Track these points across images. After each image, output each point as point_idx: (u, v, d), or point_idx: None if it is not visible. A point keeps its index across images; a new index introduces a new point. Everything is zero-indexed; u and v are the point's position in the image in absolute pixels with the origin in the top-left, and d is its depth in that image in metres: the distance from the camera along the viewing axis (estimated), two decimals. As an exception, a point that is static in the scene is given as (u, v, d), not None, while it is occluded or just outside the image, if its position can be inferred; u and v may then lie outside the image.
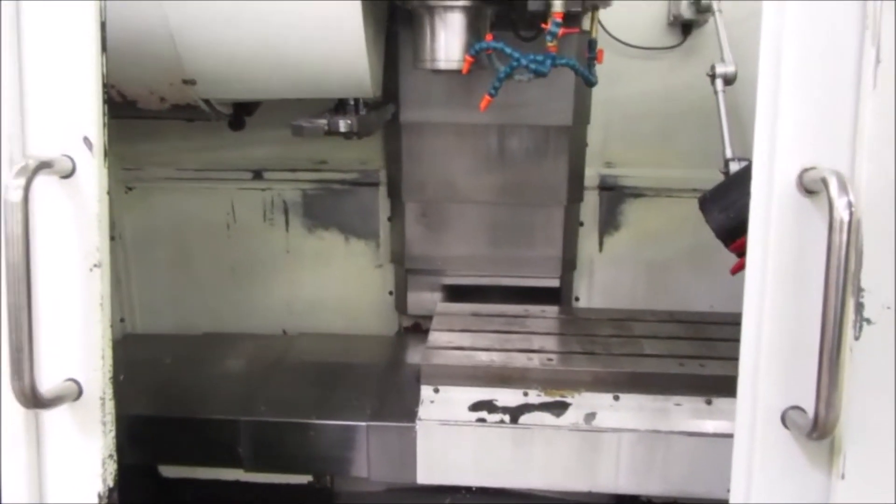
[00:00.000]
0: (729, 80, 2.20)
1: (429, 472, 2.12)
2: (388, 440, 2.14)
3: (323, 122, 2.02)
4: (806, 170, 1.23)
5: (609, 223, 2.86)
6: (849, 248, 1.14)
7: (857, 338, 1.22)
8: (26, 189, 1.22)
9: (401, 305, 2.90)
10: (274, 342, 2.80)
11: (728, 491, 1.90)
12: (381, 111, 2.38)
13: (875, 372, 1.22)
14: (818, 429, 1.19)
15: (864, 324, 1.22)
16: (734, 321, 2.59)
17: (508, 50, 1.96)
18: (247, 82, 2.02)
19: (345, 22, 1.82)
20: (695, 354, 2.24)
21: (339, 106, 2.18)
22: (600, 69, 2.40)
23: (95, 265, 1.35)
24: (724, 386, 2.09)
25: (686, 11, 2.51)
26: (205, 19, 1.85)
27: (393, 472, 2.17)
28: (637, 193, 2.83)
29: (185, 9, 1.84)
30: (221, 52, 1.91)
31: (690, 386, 2.12)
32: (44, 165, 1.26)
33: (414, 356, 2.63)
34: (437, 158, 2.65)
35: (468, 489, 2.26)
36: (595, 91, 2.49)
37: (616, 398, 2.12)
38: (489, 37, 2.00)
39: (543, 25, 1.92)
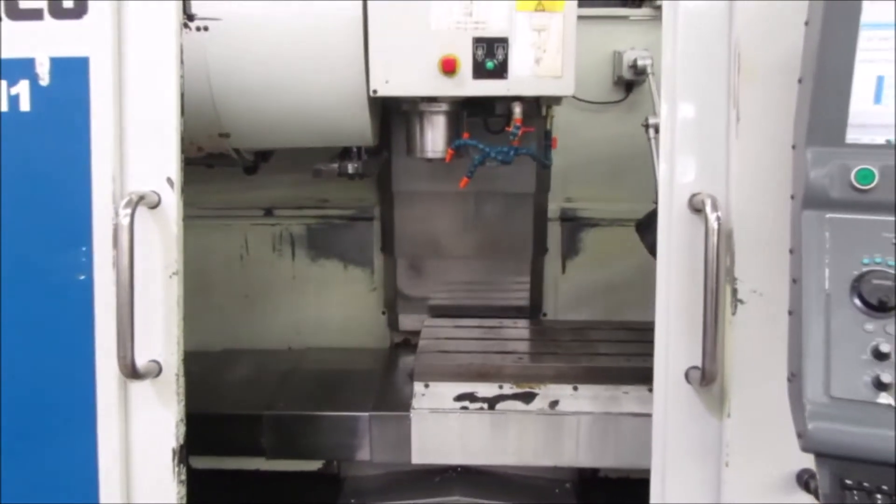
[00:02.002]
0: (659, 130, 2.70)
1: (422, 454, 2.54)
2: (386, 428, 2.56)
3: (335, 166, 2.52)
4: (694, 194, 1.72)
5: (570, 249, 3.33)
6: (720, 248, 1.63)
7: (734, 313, 1.69)
8: (132, 216, 1.67)
9: (393, 324, 3.34)
10: (284, 355, 3.22)
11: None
12: (378, 157, 2.87)
13: (748, 337, 1.70)
14: (706, 377, 1.66)
15: (739, 303, 1.69)
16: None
17: (481, 146, 2.47)
18: (272, 135, 2.50)
19: (354, 94, 2.33)
20: (640, 353, 2.68)
21: (344, 152, 2.66)
22: (560, 121, 2.92)
23: (174, 273, 1.79)
24: None
25: (627, 73, 3.04)
26: (241, 87, 2.34)
27: (391, 456, 2.58)
28: (593, 223, 3.30)
29: (225, 79, 2.33)
30: (253, 112, 2.39)
31: (636, 377, 2.55)
32: (141, 198, 1.72)
33: (405, 364, 3.07)
34: (424, 221, 3.13)
35: (455, 469, 2.68)
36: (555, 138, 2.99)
37: (575, 388, 2.55)
38: (466, 134, 2.51)
39: (507, 128, 2.43)
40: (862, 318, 1.26)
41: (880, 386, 1.21)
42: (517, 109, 2.35)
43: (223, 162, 2.74)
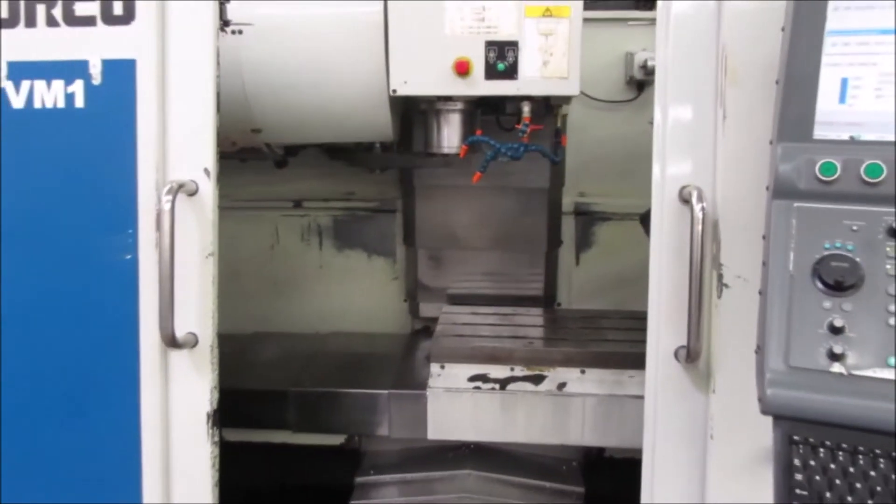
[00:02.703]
0: (665, 127, 2.84)
1: (437, 431, 2.70)
2: (405, 405, 2.74)
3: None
4: (684, 186, 1.87)
5: (584, 242, 3.47)
6: (703, 236, 1.77)
7: (719, 297, 1.83)
8: (173, 202, 1.86)
9: (413, 311, 3.51)
10: (310, 339, 3.40)
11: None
12: (408, 153, 3.05)
13: (732, 319, 1.83)
14: (690, 354, 1.80)
15: (724, 287, 1.83)
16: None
17: (493, 142, 2.63)
18: (300, 130, 2.69)
19: (376, 93, 2.51)
20: (646, 340, 2.82)
21: (368, 147, 2.85)
22: (574, 119, 3.07)
23: (210, 254, 1.98)
24: None
25: (638, 73, 3.17)
26: (272, 86, 2.53)
27: (409, 431, 2.75)
28: (606, 217, 3.44)
29: (257, 78, 2.52)
30: (282, 108, 2.58)
31: (641, 363, 2.63)
32: (181, 186, 1.91)
33: (424, 348, 3.22)
34: (444, 214, 3.28)
35: (468, 446, 2.85)
36: (570, 135, 3.12)
37: (582, 372, 2.69)
38: (479, 131, 2.67)
39: (516, 126, 2.59)
40: (821, 296, 1.40)
41: (833, 357, 1.35)
42: (526, 108, 2.50)
43: (255, 156, 2.94)
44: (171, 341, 1.89)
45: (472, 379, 2.71)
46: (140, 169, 1.95)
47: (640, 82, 3.26)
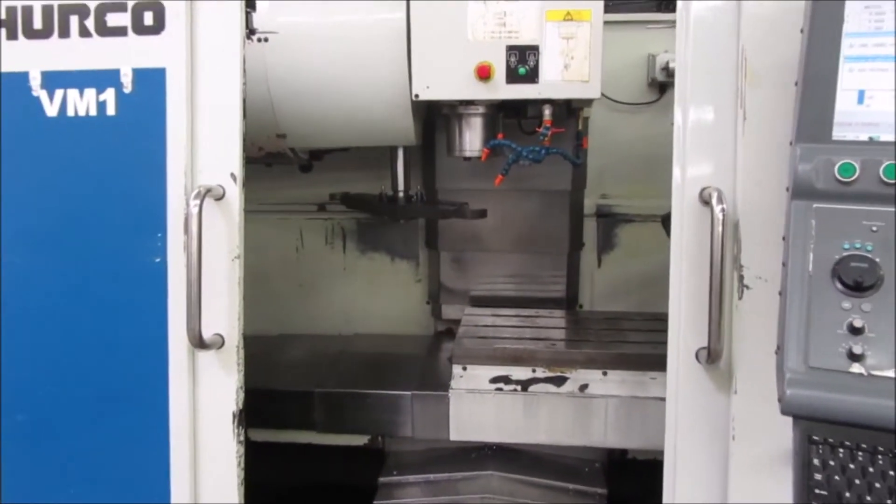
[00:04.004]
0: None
1: (459, 432, 2.73)
2: (427, 406, 2.76)
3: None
4: (704, 188, 1.88)
5: (606, 244, 3.48)
6: (724, 237, 1.78)
7: (740, 298, 1.84)
8: (200, 206, 1.91)
9: (436, 313, 3.54)
10: (335, 340, 3.45)
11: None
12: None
13: (753, 320, 1.83)
14: (712, 355, 1.81)
15: (745, 289, 1.84)
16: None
17: (514, 146, 2.65)
18: (325, 134, 2.74)
19: (398, 98, 2.55)
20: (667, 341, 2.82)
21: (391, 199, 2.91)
22: (596, 121, 3.08)
23: (236, 257, 2.02)
24: None
25: (660, 75, 3.18)
26: (296, 92, 2.58)
27: (432, 432, 2.78)
28: (628, 219, 3.44)
29: (282, 85, 2.58)
30: (307, 114, 2.63)
31: (663, 364, 2.66)
32: (208, 191, 1.96)
33: (447, 349, 3.24)
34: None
35: (490, 447, 2.87)
36: (592, 137, 3.13)
37: (604, 373, 2.70)
38: (500, 135, 2.69)
39: (537, 129, 2.60)
40: (840, 297, 1.40)
41: (853, 357, 1.35)
42: (547, 112, 2.52)
43: (281, 161, 2.99)
44: (198, 342, 1.94)
45: (495, 380, 2.73)
46: (169, 174, 2.00)
47: (662, 84, 3.26)
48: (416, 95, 2.48)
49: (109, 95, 2.00)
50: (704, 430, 1.92)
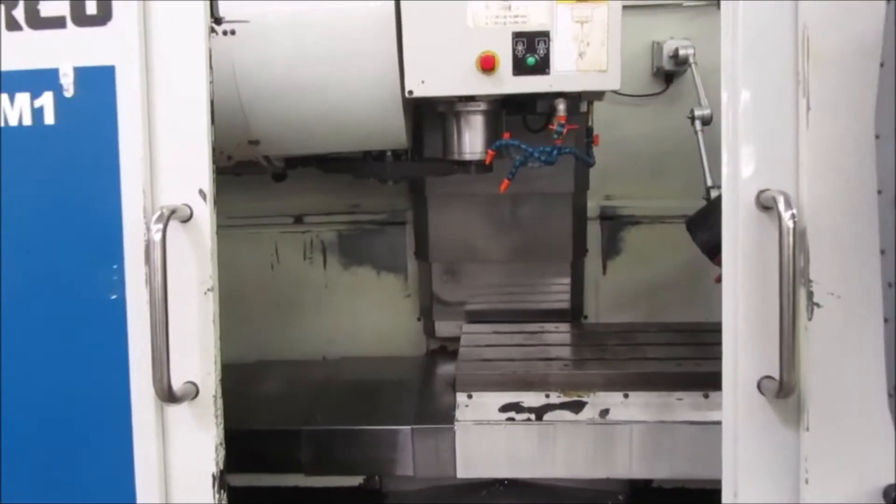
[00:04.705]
0: (706, 121, 2.59)
1: (467, 468, 2.44)
2: (429, 441, 2.46)
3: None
4: (762, 191, 1.61)
5: (611, 248, 3.22)
6: (795, 249, 1.51)
7: (810, 318, 1.57)
8: (164, 231, 1.59)
9: (429, 330, 3.24)
10: (318, 366, 3.14)
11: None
12: (419, 161, 2.77)
13: (826, 344, 1.57)
14: (783, 388, 1.54)
15: (815, 307, 1.57)
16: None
17: (524, 146, 2.35)
18: (303, 140, 2.41)
19: (388, 96, 2.24)
20: (691, 356, 2.57)
21: (377, 156, 2.57)
22: (597, 115, 2.80)
23: (209, 290, 1.70)
24: (719, 381, 2.40)
25: (667, 63, 2.91)
26: (270, 92, 2.25)
27: (435, 470, 2.48)
28: (634, 221, 3.19)
29: (254, 84, 2.24)
30: (283, 117, 2.31)
31: (689, 383, 2.44)
32: (173, 212, 1.63)
33: (443, 371, 2.96)
34: (459, 225, 3.03)
35: (501, 483, 2.57)
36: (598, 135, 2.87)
37: (626, 396, 2.44)
38: (507, 135, 2.40)
39: (550, 127, 2.32)
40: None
41: None
42: (561, 106, 2.24)
43: (251, 170, 2.66)
44: (167, 395, 1.61)
45: (504, 409, 2.45)
46: (125, 193, 1.67)
47: (669, 74, 3.00)
48: (410, 92, 2.18)
49: (47, 100, 1.67)
50: (771, 473, 1.64)
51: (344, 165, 2.71)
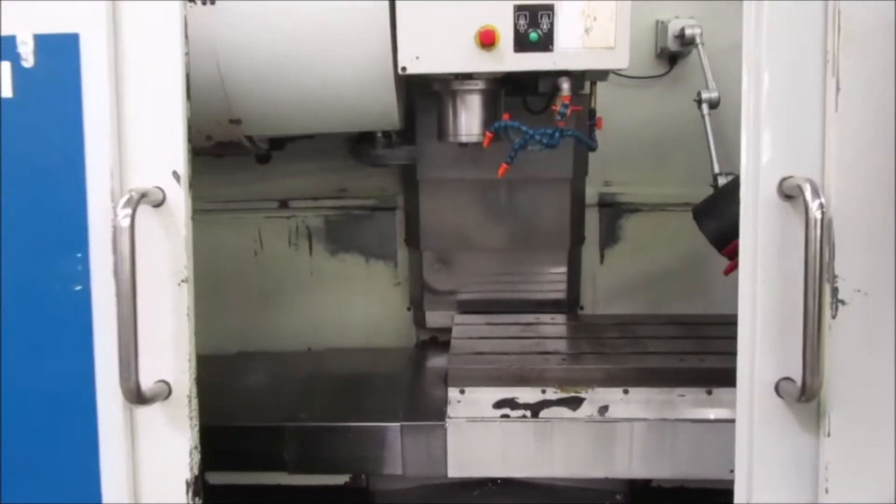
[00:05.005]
0: (713, 105, 2.46)
1: (459, 467, 2.32)
2: (420, 439, 2.34)
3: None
4: (784, 179, 1.48)
5: (609, 237, 3.09)
6: (822, 242, 1.39)
7: (834, 316, 1.46)
8: (132, 216, 1.44)
9: (419, 320, 3.11)
10: (303, 358, 3.00)
11: (731, 472, 2.14)
12: (404, 142, 2.63)
13: (851, 344, 1.46)
14: (806, 393, 1.42)
15: (840, 305, 1.46)
16: (726, 321, 2.84)
17: (524, 128, 2.22)
18: (288, 120, 2.26)
19: (379, 73, 2.09)
20: (694, 351, 2.46)
21: (364, 137, 2.42)
22: (597, 97, 2.66)
23: (183, 280, 1.56)
24: (723, 377, 2.29)
25: (672, 44, 2.78)
26: (253, 68, 2.10)
27: (425, 468, 2.36)
28: (634, 209, 3.06)
29: (235, 59, 2.09)
30: (267, 95, 2.16)
31: (692, 379, 2.33)
32: (143, 196, 1.48)
33: (434, 364, 2.84)
34: (452, 211, 2.89)
35: (494, 482, 2.46)
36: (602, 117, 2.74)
37: (626, 392, 2.32)
38: (506, 116, 2.25)
39: (553, 108, 2.19)
40: None
41: None
42: (565, 86, 2.11)
43: (233, 151, 2.51)
44: (135, 396, 1.47)
45: (499, 405, 2.34)
46: (90, 175, 1.53)
47: (673, 55, 2.87)
48: (403, 69, 2.04)
49: (4, 71, 1.52)
50: (788, 480, 1.53)
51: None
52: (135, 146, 1.54)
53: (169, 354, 1.56)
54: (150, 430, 1.58)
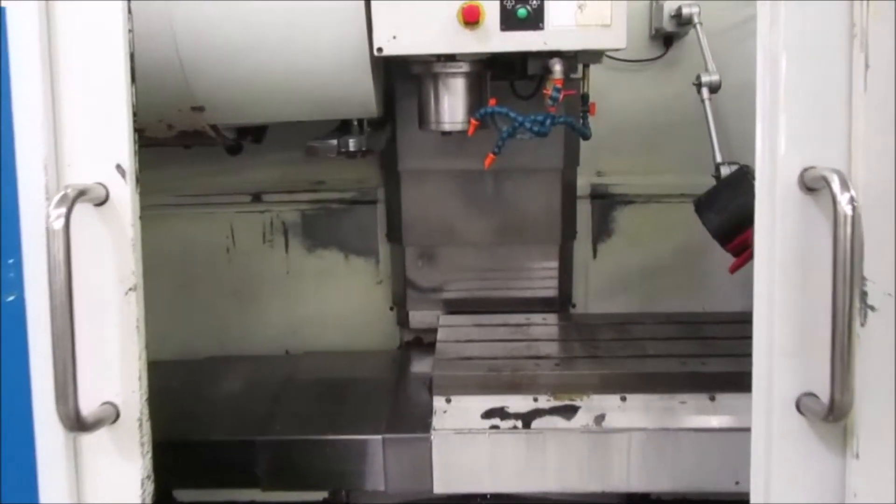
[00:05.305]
0: (714, 89, 2.29)
1: (445, 482, 2.16)
2: (403, 452, 2.18)
3: (333, 142, 2.08)
4: (806, 169, 1.32)
5: (602, 230, 2.93)
6: (853, 240, 1.23)
7: (863, 324, 1.30)
8: (67, 217, 1.26)
9: (402, 320, 2.94)
10: (279, 362, 2.82)
11: (737, 483, 1.98)
12: (382, 130, 2.44)
13: (881, 355, 1.31)
14: (834, 412, 1.26)
15: (869, 311, 1.30)
16: (728, 320, 2.69)
17: (513, 114, 2.05)
18: (256, 107, 2.07)
19: (354, 55, 1.91)
20: (695, 353, 2.32)
21: (343, 126, 2.24)
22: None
23: (131, 289, 1.39)
24: (726, 382, 2.17)
25: (668, 24, 2.60)
26: (215, 51, 1.91)
27: (409, 483, 2.20)
28: (628, 200, 2.90)
29: (196, 41, 1.90)
30: (231, 80, 1.97)
31: (693, 384, 2.18)
32: (81, 194, 1.30)
33: (419, 368, 2.68)
34: (436, 204, 2.73)
35: (483, 498, 2.30)
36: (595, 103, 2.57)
37: (623, 399, 2.17)
38: (493, 101, 2.08)
39: (545, 92, 2.02)
40: None
41: None
42: (557, 67, 1.94)
43: (200, 141, 2.32)
44: (74, 422, 1.29)
45: (488, 415, 2.18)
46: (21, 170, 1.35)
47: (668, 36, 2.70)
48: (379, 49, 1.86)
49: (-84, 49, 1.32)
50: (810, 505, 1.38)
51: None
52: (73, 137, 1.36)
53: (115, 373, 1.39)
54: (95, 460, 1.40)
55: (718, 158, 2.20)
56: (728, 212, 2.00)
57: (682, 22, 2.55)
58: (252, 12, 1.91)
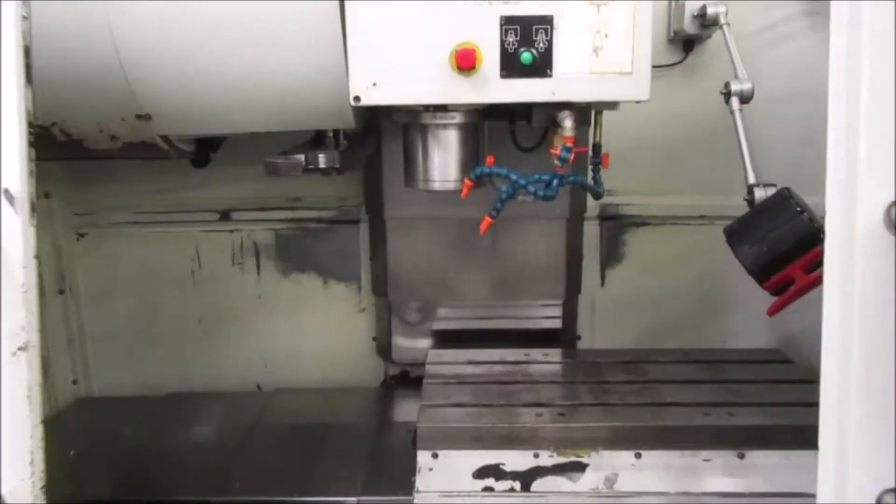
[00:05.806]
0: (746, 98, 2.00)
1: (431, 555, 1.87)
2: (381, 519, 1.89)
3: (300, 157, 1.78)
4: (893, 204, 1.03)
5: (611, 255, 2.67)
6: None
7: (961, 398, 1.01)
8: (-74, 260, 0.96)
9: (385, 352, 2.65)
10: (248, 401, 2.54)
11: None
12: (364, 144, 2.15)
13: None
14: (936, 524, 0.97)
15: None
16: (754, 359, 2.39)
17: (514, 176, 1.82)
18: (211, 116, 1.77)
19: (328, 58, 1.62)
20: (720, 401, 2.03)
21: (317, 138, 1.94)
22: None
23: (20, 348, 1.08)
24: (757, 437, 1.90)
25: (689, 26, 2.32)
26: (160, 51, 1.62)
27: (389, 555, 1.91)
28: (640, 222, 2.66)
29: (137, 41, 1.61)
30: (181, 85, 1.67)
31: (719, 439, 1.90)
32: (-49, 228, 1.00)
33: (403, 410, 2.41)
34: (425, 256, 2.50)
35: (474, 570, 2.00)
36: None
37: (638, 456, 1.88)
38: (490, 159, 1.83)
39: (553, 151, 1.77)
40: None
41: None
42: (568, 123, 1.69)
43: (148, 155, 2.02)
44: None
45: (480, 474, 1.89)
46: None
47: (689, 40, 2.42)
48: (356, 98, 1.62)
49: None
50: None
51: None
52: (-51, 154, 1.06)
53: (2, 455, 1.08)
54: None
55: (752, 179, 1.91)
56: (766, 243, 1.72)
57: (707, 23, 2.27)
58: (201, 11, 1.61)
